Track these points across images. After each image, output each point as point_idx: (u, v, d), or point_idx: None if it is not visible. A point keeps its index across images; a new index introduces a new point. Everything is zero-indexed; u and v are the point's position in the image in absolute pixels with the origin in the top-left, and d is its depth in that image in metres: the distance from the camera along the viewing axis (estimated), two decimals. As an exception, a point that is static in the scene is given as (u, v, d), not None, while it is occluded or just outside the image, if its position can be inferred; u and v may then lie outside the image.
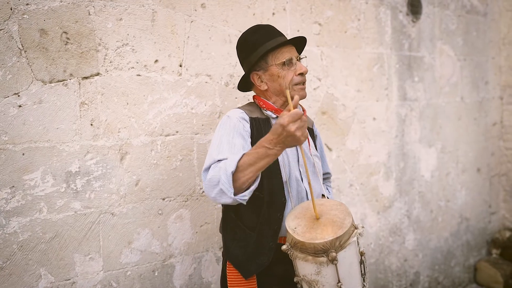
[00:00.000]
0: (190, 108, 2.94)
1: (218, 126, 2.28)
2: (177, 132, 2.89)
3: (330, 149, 3.69)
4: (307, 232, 1.98)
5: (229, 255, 2.37)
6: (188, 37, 2.93)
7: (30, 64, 2.42)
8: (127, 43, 2.71)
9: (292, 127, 1.81)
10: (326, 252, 1.92)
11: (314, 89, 3.57)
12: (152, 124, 2.81)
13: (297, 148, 2.35)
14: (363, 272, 2.11)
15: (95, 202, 2.64)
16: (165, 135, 2.86)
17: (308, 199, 2.30)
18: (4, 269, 2.38)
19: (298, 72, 2.28)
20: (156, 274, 2.88)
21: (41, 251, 2.49)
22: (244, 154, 1.98)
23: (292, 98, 2.27)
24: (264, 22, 3.24)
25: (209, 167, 2.06)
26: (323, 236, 1.93)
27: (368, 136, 3.95)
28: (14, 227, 2.40)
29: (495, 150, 5.14)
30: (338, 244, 1.92)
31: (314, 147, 2.55)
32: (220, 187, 1.95)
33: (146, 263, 2.84)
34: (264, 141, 1.92)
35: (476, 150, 4.93)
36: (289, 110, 1.84)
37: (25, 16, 2.39)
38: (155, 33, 2.80)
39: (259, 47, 2.30)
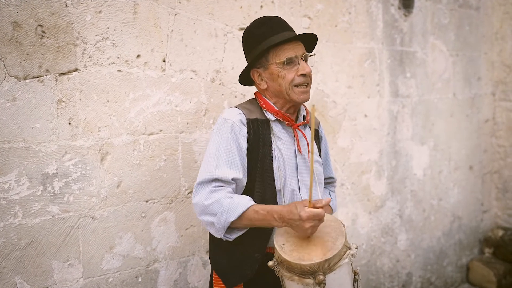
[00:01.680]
0: (174, 105, 2.81)
1: (215, 130, 2.17)
2: (160, 131, 2.76)
3: (320, 148, 3.59)
4: (295, 251, 1.88)
5: (214, 263, 2.30)
6: (172, 30, 2.80)
7: (3, 59, 2.28)
8: (107, 37, 2.58)
9: (308, 225, 1.82)
10: (314, 274, 1.82)
11: (304, 85, 3.46)
12: (134, 123, 2.68)
13: (295, 154, 2.23)
14: None
15: (74, 205, 2.51)
16: (148, 134, 2.73)
17: None
18: (-25, 278, 2.25)
19: (300, 73, 2.14)
20: (139, 280, 2.75)
21: (16, 258, 2.36)
22: (250, 207, 1.96)
23: (290, 103, 2.21)
24: (252, 16, 3.12)
25: (205, 181, 2.04)
26: (311, 257, 1.82)
27: (360, 134, 3.85)
28: (-14, 233, 2.27)
29: (487, 147, 5.07)
30: (327, 266, 1.82)
31: (318, 152, 2.42)
32: (214, 223, 1.98)
33: (128, 269, 2.71)
34: (276, 212, 1.91)
35: (468, 147, 4.85)
36: (309, 203, 1.84)
37: (-4, 7, 2.25)
38: (137, 26, 2.67)
39: (261, 42, 2.16)
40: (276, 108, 2.23)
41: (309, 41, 2.30)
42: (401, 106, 4.13)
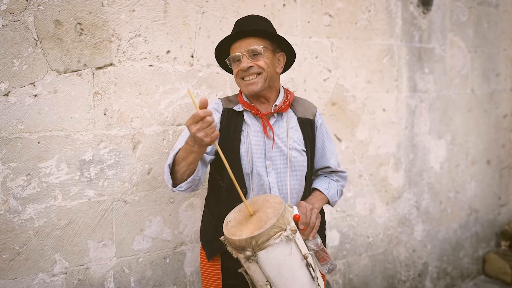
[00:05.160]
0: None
1: None
2: (188, 122, 2.93)
3: (339, 140, 3.72)
4: (234, 227, 2.01)
5: (200, 237, 2.55)
6: (200, 28, 2.97)
7: (45, 54, 2.47)
8: (140, 34, 2.75)
9: (193, 128, 1.88)
10: (243, 250, 1.94)
11: (324, 80, 3.60)
12: (164, 114, 2.86)
13: (265, 141, 2.35)
14: (312, 275, 2.04)
15: (108, 190, 2.70)
16: (177, 124, 2.90)
17: (271, 192, 2.32)
18: (20, 254, 2.46)
19: (239, 68, 2.30)
20: (167, 261, 2.94)
21: (56, 237, 2.56)
22: (180, 148, 2.12)
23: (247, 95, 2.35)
24: (275, 14, 3.27)
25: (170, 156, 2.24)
26: (241, 233, 1.94)
27: (378, 127, 3.97)
28: (30, 213, 2.47)
29: (505, 142, 5.14)
30: (255, 243, 1.91)
31: (302, 140, 2.45)
32: (165, 178, 2.17)
33: (157, 250, 2.90)
34: (188, 137, 2.03)
35: (486, 142, 4.93)
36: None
37: (40, 7, 2.44)
38: (167, 24, 2.84)
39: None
40: (244, 99, 2.41)
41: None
42: (419, 100, 4.24)
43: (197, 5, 2.94)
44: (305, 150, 2.44)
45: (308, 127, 2.49)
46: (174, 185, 2.17)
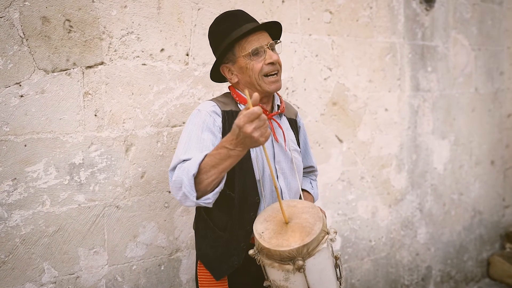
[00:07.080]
0: (197, 98, 2.87)
1: (188, 121, 2.14)
2: (183, 123, 2.82)
3: (341, 141, 3.61)
4: (274, 238, 1.86)
5: (200, 255, 2.28)
6: (195, 25, 2.85)
7: (32, 52, 2.35)
8: (132, 32, 2.64)
9: (249, 128, 1.65)
10: (293, 260, 1.80)
11: (325, 79, 3.48)
12: (158, 115, 2.74)
13: (273, 144, 2.20)
14: (339, 276, 2.00)
15: (100, 194, 2.59)
16: (172, 126, 2.79)
17: (282, 198, 2.17)
18: (6, 263, 2.34)
19: (267, 61, 2.10)
20: (162, 268, 2.82)
21: (44, 244, 2.44)
22: (206, 155, 1.85)
23: (262, 93, 2.15)
24: (273, 10, 3.16)
25: (174, 167, 1.95)
26: (289, 243, 1.81)
27: (380, 128, 3.86)
28: (16, 220, 2.35)
29: (509, 142, 5.03)
30: (306, 251, 1.80)
31: (296, 141, 2.37)
32: (183, 191, 1.84)
33: (152, 257, 2.78)
34: (225, 141, 1.78)
35: (490, 142, 4.82)
36: (248, 109, 1.66)
37: (26, 3, 2.32)
38: (161, 21, 2.73)
39: (225, 38, 2.14)
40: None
41: (277, 29, 2.26)
42: (422, 100, 4.13)
43: (193, 1, 2.83)
44: (300, 150, 2.40)
45: (294, 127, 2.42)
46: (198, 197, 1.89)
